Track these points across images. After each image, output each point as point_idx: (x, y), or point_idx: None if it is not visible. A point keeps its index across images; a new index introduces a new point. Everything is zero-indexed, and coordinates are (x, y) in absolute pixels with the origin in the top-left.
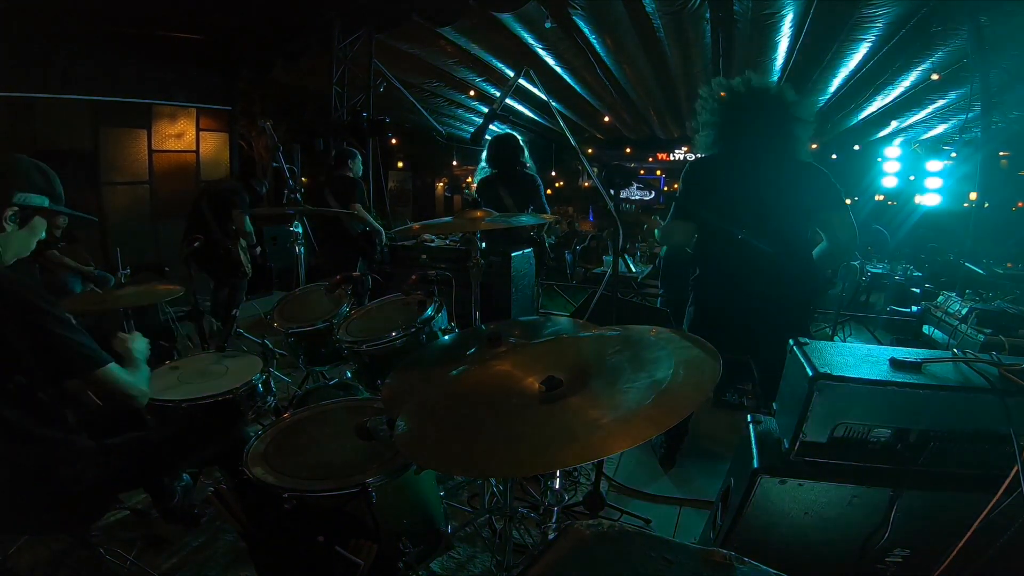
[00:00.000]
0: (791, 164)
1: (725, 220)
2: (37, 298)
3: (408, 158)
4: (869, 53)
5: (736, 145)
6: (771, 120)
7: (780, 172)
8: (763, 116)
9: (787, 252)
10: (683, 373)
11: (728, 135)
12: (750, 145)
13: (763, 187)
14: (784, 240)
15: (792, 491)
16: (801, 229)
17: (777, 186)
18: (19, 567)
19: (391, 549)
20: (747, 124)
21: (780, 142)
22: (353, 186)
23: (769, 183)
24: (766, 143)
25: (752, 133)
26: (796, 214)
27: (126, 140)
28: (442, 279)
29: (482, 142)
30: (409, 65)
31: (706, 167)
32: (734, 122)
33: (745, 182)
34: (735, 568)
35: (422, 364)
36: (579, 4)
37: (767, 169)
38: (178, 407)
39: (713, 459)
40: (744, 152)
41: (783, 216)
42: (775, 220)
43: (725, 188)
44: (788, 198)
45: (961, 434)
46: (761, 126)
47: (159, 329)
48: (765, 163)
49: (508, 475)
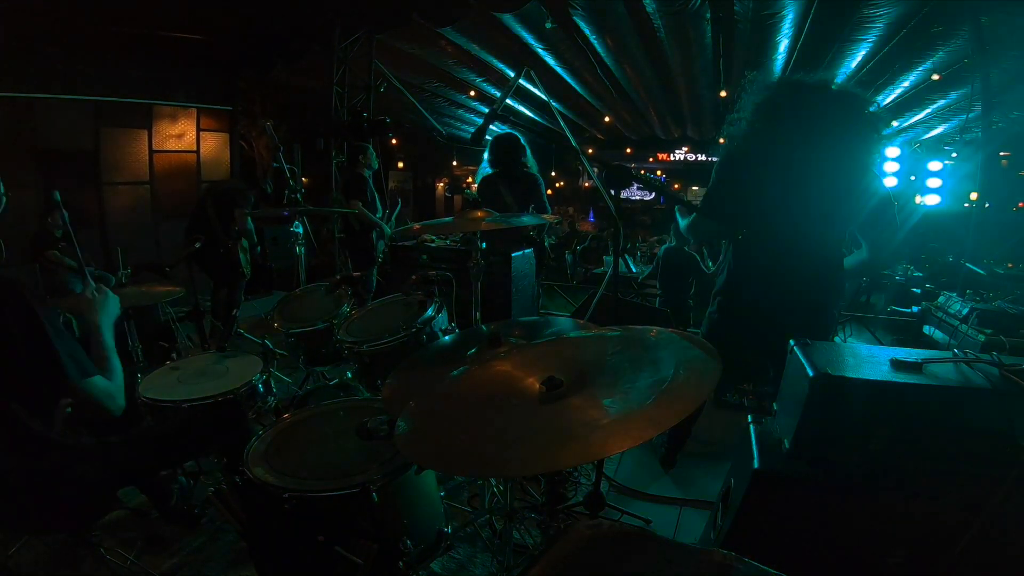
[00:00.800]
0: (850, 169)
1: (765, 216)
2: (34, 301)
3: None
4: (870, 53)
5: (790, 140)
6: (838, 118)
7: (837, 175)
8: (828, 113)
9: (824, 256)
10: (683, 373)
11: (783, 131)
12: (807, 142)
13: (814, 187)
14: (824, 243)
15: (792, 491)
16: (842, 234)
17: (831, 190)
18: (19, 566)
19: (391, 549)
20: (807, 119)
21: (842, 144)
22: (357, 182)
23: (821, 184)
24: (827, 142)
25: (811, 128)
26: (843, 220)
27: (127, 140)
28: (442, 279)
29: (483, 142)
30: (409, 65)
31: (748, 158)
32: (790, 116)
33: (794, 179)
34: (735, 568)
35: (422, 364)
36: (579, 4)
37: (822, 169)
38: (178, 407)
39: (713, 459)
40: (798, 148)
41: (828, 219)
42: (819, 222)
43: (769, 183)
44: (840, 203)
45: (962, 434)
46: (827, 123)
47: (159, 329)
48: (821, 162)
49: (508, 475)
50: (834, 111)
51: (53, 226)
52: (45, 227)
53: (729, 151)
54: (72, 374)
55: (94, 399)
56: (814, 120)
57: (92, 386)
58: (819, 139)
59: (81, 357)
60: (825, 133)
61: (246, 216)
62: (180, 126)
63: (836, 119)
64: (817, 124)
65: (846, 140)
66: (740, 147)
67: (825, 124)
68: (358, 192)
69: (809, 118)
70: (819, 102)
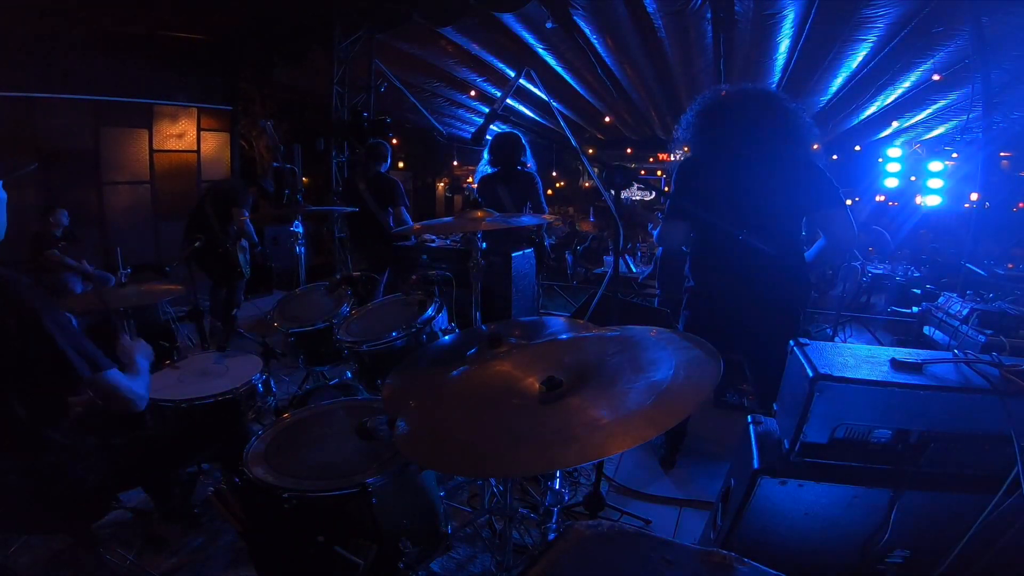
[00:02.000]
0: (786, 162)
1: (719, 220)
2: (36, 299)
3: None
4: (870, 54)
5: (728, 143)
6: (763, 116)
7: (774, 170)
8: (754, 112)
9: (781, 252)
10: (683, 374)
11: (719, 134)
12: (742, 143)
13: (757, 186)
14: (778, 239)
15: (792, 492)
16: (796, 228)
17: (772, 185)
18: (19, 566)
19: (391, 549)
20: (738, 121)
21: (773, 139)
22: (394, 187)
23: (763, 181)
24: (759, 140)
25: (743, 130)
26: (792, 213)
27: (127, 140)
28: (442, 279)
29: (483, 142)
30: (410, 65)
31: (697, 166)
32: (724, 120)
33: (738, 181)
34: (735, 569)
35: (422, 364)
36: (580, 4)
37: (760, 167)
38: (178, 407)
39: (713, 460)
40: (736, 150)
41: (778, 215)
42: (770, 219)
43: (718, 187)
44: (783, 197)
45: (962, 435)
46: (753, 123)
47: (159, 329)
48: (758, 161)
49: (508, 475)
50: (759, 110)
51: (53, 226)
52: (45, 227)
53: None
54: (82, 369)
55: (112, 392)
56: (746, 121)
57: (106, 379)
58: (743, 137)
59: (90, 351)
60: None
61: (244, 215)
62: (180, 126)
63: (763, 118)
64: (747, 124)
65: (762, 131)
66: (690, 154)
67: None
68: (399, 199)
69: (741, 119)
70: (746, 103)
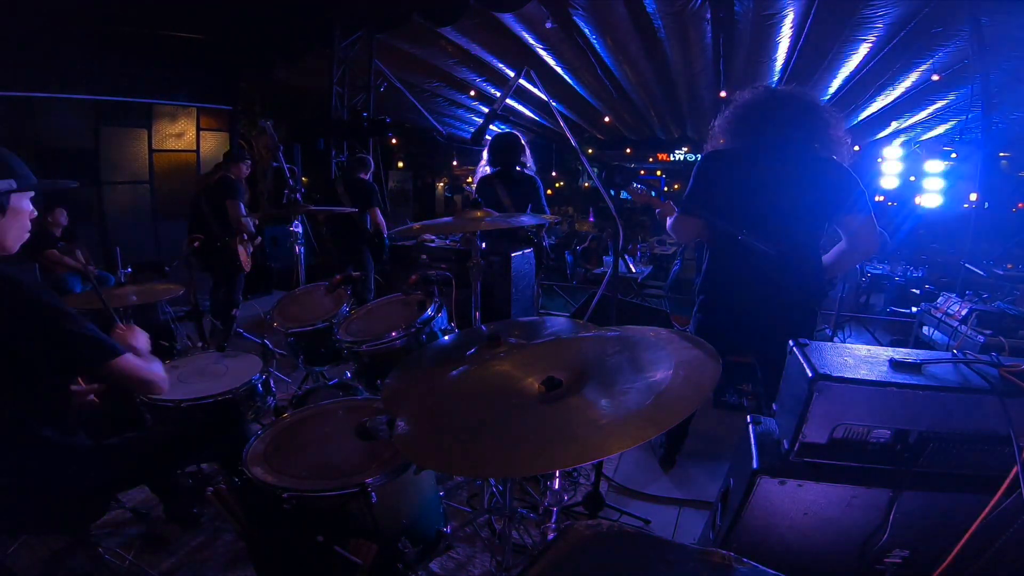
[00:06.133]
0: (813, 161)
1: (735, 218)
2: (42, 294)
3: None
4: (870, 54)
5: (753, 139)
6: (792, 114)
7: (799, 169)
8: (783, 111)
9: (797, 253)
10: (683, 374)
11: (744, 130)
12: (768, 141)
13: (781, 185)
14: (795, 240)
15: (792, 492)
16: (816, 229)
17: (796, 184)
18: (18, 566)
19: (391, 549)
20: (766, 119)
21: (801, 137)
22: (371, 191)
23: (787, 181)
24: (786, 138)
25: (771, 128)
26: (814, 214)
27: (127, 139)
28: (442, 279)
29: (483, 142)
30: (409, 65)
31: (721, 162)
32: (751, 117)
33: (767, 176)
34: (734, 569)
35: (422, 364)
36: (580, 4)
37: (786, 166)
38: (178, 407)
39: (713, 460)
40: (761, 147)
41: (799, 216)
42: (789, 219)
43: (739, 185)
44: (807, 197)
45: (961, 435)
46: (781, 120)
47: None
48: (784, 159)
49: (508, 475)
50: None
51: (52, 225)
52: (45, 227)
53: (705, 152)
54: (94, 358)
55: (132, 376)
56: (777, 123)
57: (126, 363)
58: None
59: (99, 340)
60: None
61: (238, 206)
62: (180, 125)
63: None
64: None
65: (790, 129)
66: (714, 148)
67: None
68: (375, 201)
69: (772, 121)
70: (779, 106)
